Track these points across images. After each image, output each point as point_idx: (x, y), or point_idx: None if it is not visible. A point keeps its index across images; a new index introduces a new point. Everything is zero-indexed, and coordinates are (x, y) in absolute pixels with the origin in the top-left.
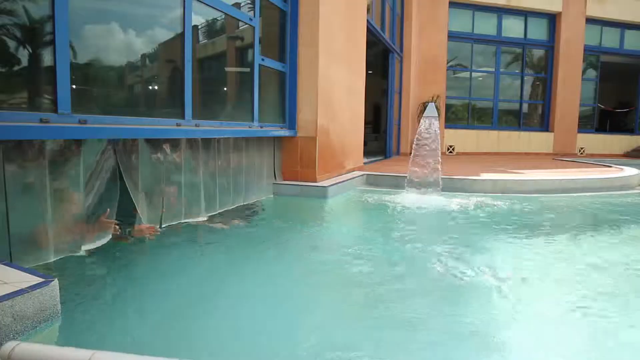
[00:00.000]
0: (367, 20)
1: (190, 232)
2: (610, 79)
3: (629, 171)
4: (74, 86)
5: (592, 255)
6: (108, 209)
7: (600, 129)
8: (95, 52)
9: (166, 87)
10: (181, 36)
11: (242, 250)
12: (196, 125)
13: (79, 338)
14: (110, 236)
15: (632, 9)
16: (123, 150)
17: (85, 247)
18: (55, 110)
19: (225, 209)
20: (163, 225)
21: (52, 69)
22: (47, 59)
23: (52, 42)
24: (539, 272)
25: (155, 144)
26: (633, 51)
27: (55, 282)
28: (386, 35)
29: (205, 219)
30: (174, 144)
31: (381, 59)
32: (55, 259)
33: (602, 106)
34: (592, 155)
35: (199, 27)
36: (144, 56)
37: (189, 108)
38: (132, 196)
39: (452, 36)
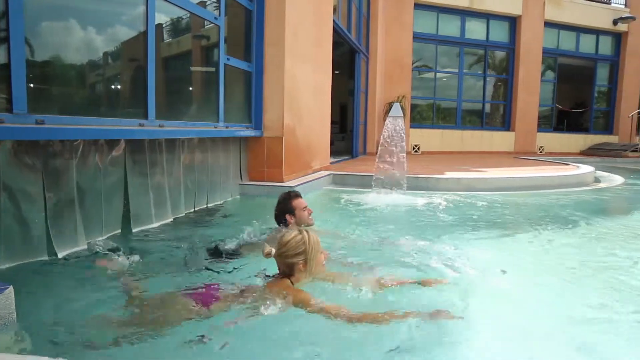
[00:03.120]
0: (334, 21)
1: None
2: (567, 80)
3: (584, 169)
4: (30, 85)
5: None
6: None
7: (559, 128)
8: (54, 49)
9: (129, 86)
10: (144, 34)
11: None
12: (160, 126)
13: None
14: None
15: (587, 14)
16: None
17: None
18: (10, 110)
19: (190, 210)
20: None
21: (7, 67)
22: (0, 56)
23: (7, 39)
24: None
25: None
26: (588, 54)
27: (10, 289)
28: (352, 36)
29: (171, 220)
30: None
31: (347, 59)
32: None
33: (560, 106)
34: (551, 154)
35: (163, 25)
36: (105, 54)
37: (153, 108)
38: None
39: (417, 37)
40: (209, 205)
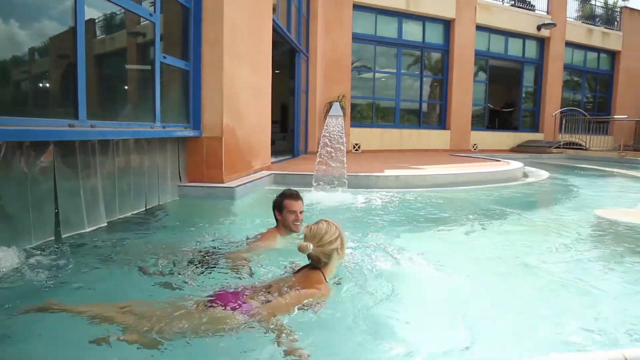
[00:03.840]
0: (273, 20)
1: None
2: (497, 81)
3: (514, 165)
4: None
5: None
6: None
7: (490, 126)
8: None
9: (57, 84)
10: (73, 29)
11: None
12: (92, 126)
13: None
14: None
15: (514, 19)
16: None
17: None
18: None
19: (126, 214)
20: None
21: None
22: None
23: None
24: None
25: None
26: (515, 57)
27: None
28: (292, 35)
29: (105, 224)
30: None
31: (288, 59)
32: None
33: (491, 106)
34: (484, 151)
35: (95, 20)
36: (31, 50)
37: (84, 108)
38: None
39: (356, 38)
40: (147, 207)
